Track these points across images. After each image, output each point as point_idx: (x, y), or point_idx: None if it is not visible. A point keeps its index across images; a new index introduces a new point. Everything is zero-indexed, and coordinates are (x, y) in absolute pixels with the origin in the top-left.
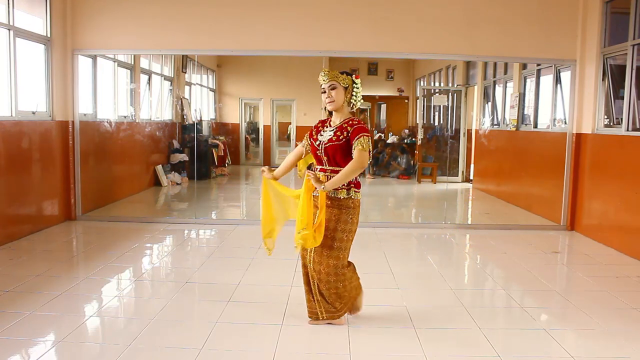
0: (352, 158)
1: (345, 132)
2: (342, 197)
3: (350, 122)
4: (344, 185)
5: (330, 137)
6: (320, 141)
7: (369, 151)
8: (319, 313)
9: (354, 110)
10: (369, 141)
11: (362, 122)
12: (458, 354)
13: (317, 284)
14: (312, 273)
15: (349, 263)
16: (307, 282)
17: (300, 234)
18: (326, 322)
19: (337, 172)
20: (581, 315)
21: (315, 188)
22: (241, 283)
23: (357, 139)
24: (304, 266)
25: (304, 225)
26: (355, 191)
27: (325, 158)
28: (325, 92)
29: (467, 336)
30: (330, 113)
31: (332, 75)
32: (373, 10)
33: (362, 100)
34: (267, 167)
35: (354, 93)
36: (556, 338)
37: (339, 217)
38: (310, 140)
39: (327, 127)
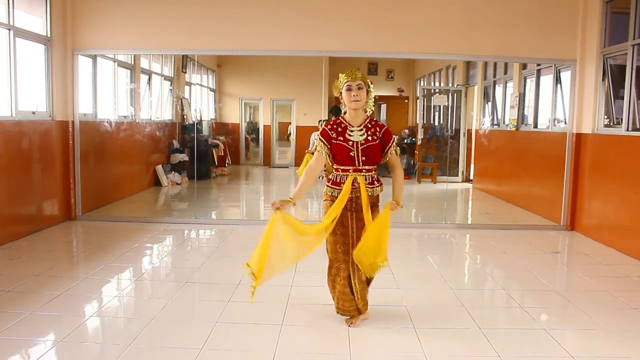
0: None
1: (376, 132)
2: (377, 195)
3: (374, 122)
4: (378, 183)
5: (365, 137)
6: (354, 142)
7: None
8: (361, 306)
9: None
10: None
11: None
12: (458, 354)
13: (357, 277)
14: (359, 271)
15: None
16: (348, 284)
17: (383, 264)
18: (362, 318)
19: (371, 171)
20: (581, 315)
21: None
22: (241, 283)
23: (392, 144)
24: (345, 270)
25: (385, 255)
26: (380, 185)
27: (363, 158)
28: (350, 89)
29: (467, 336)
30: (344, 113)
31: (362, 76)
32: (373, 10)
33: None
34: (280, 201)
35: (370, 96)
36: (556, 338)
37: (374, 215)
38: (335, 141)
39: (349, 127)
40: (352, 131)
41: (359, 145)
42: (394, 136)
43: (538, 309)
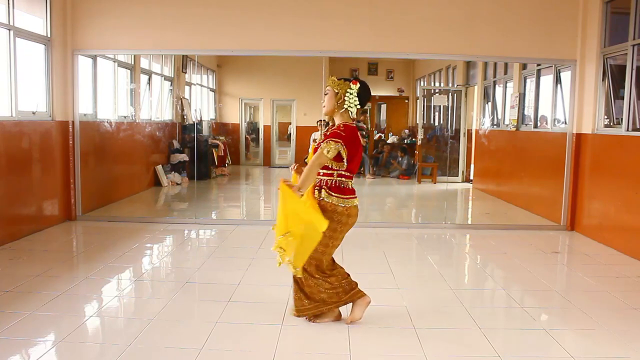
0: (332, 161)
1: (327, 134)
2: (317, 198)
3: (337, 127)
4: (319, 190)
5: (320, 140)
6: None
7: (342, 156)
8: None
9: (353, 116)
10: (335, 147)
11: (346, 127)
12: (458, 354)
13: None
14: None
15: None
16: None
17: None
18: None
19: (319, 174)
20: (581, 315)
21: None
22: (241, 283)
23: (325, 142)
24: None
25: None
26: (328, 193)
27: None
28: None
29: (467, 336)
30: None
31: (329, 81)
32: (373, 10)
33: (357, 106)
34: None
35: (345, 99)
36: (556, 338)
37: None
38: None
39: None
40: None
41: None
42: (331, 138)
43: (538, 309)
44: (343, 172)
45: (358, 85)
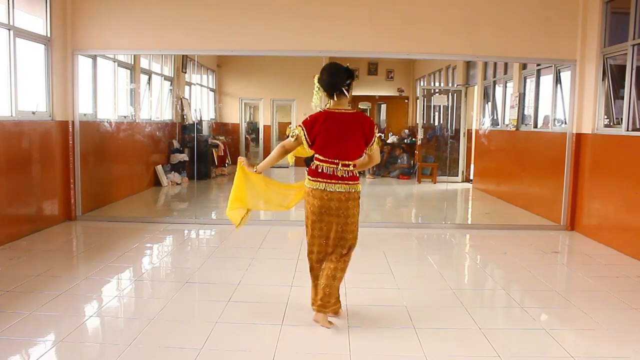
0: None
1: None
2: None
3: None
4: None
5: None
6: None
7: (304, 141)
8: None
9: (318, 109)
10: (295, 131)
11: (317, 113)
12: (458, 354)
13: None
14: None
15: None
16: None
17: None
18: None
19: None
20: (581, 315)
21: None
22: (241, 283)
23: None
24: None
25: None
26: (306, 173)
27: None
28: None
29: (467, 336)
30: None
31: None
32: (373, 10)
33: (316, 102)
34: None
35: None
36: (556, 338)
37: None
38: None
39: None
40: None
41: None
42: (298, 124)
43: (538, 309)
44: (318, 156)
45: (315, 78)
